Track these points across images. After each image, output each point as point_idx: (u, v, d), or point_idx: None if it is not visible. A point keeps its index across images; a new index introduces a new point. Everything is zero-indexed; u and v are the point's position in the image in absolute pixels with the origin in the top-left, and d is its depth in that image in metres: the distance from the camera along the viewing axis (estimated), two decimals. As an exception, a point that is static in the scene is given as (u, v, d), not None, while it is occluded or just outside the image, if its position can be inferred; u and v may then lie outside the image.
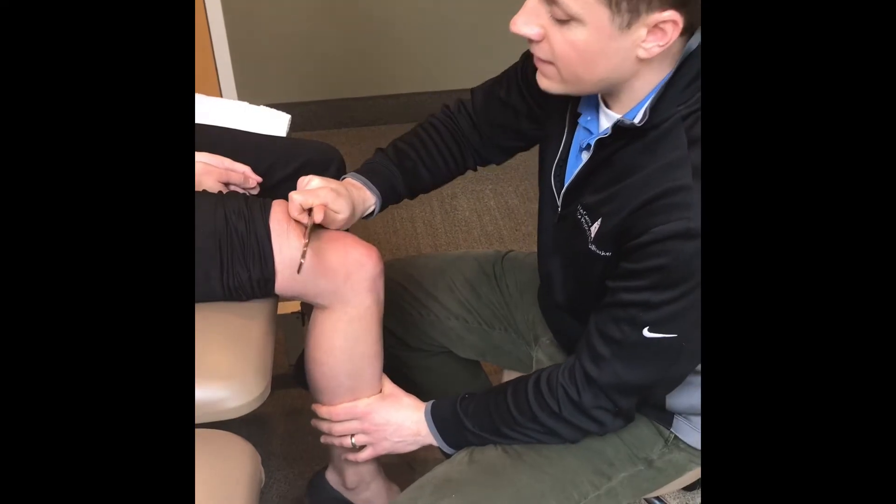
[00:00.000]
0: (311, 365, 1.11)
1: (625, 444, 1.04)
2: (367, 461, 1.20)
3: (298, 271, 0.96)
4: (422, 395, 1.36)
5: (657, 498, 1.24)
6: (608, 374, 0.92)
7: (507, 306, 1.24)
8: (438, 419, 1.06)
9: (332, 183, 1.04)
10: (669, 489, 1.13)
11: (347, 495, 1.29)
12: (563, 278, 1.04)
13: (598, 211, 0.91)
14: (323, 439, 1.17)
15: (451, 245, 2.20)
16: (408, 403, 1.11)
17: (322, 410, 1.14)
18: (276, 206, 1.01)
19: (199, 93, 1.39)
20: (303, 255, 0.96)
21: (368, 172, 1.12)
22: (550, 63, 0.86)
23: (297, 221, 1.00)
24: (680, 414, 1.04)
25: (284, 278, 1.00)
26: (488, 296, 1.25)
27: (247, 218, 0.97)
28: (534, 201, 2.33)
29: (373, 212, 1.11)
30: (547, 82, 0.89)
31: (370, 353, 1.10)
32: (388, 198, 1.12)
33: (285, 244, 0.98)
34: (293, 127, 2.69)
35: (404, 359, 1.34)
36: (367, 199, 1.09)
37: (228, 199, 1.01)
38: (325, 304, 1.06)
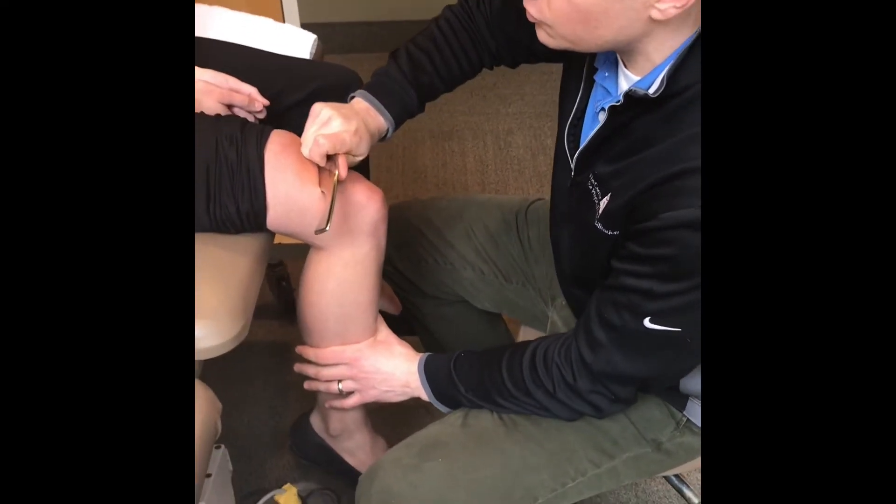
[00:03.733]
0: (302, 305, 1.06)
1: (632, 424, 0.95)
2: (354, 409, 1.15)
3: (317, 232, 0.89)
4: (436, 344, 1.30)
5: (676, 476, 1.16)
6: (602, 361, 0.84)
7: (527, 260, 1.15)
8: (432, 376, 1.00)
9: (351, 121, 0.94)
10: (680, 471, 1.04)
11: (330, 443, 1.26)
12: (570, 248, 0.95)
13: (608, 184, 0.82)
14: (307, 384, 1.11)
15: (500, 184, 2.10)
16: (400, 352, 1.05)
17: (309, 352, 1.09)
18: (276, 137, 0.94)
19: (258, 14, 1.31)
20: (328, 221, 0.88)
21: (381, 92, 1.01)
22: (545, 23, 0.76)
23: (318, 167, 0.92)
24: (695, 397, 0.94)
25: (277, 214, 0.93)
26: (507, 247, 1.16)
27: (239, 146, 0.91)
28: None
29: (385, 136, 1.03)
30: (545, 37, 0.79)
31: (364, 300, 1.03)
32: (401, 120, 1.03)
33: (280, 178, 0.92)
34: (343, 48, 2.58)
35: (419, 305, 1.27)
36: (381, 125, 1.00)
37: (224, 123, 0.94)
38: (320, 245, 0.99)
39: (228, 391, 1.49)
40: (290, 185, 0.92)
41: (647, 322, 0.78)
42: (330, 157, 0.91)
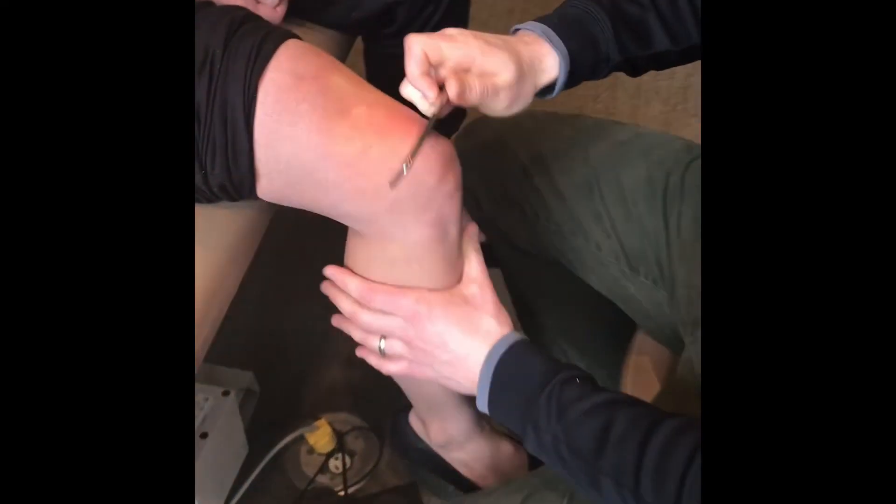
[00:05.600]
0: None
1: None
2: (458, 419, 0.86)
3: (392, 186, 0.55)
4: (525, 308, 0.97)
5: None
6: None
7: (669, 249, 0.77)
8: (502, 376, 0.64)
9: (487, 37, 0.60)
10: None
11: (437, 450, 0.94)
12: None
13: None
14: (335, 320, 0.73)
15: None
16: (488, 328, 0.67)
17: (349, 281, 0.69)
18: (285, 59, 0.57)
19: None
20: (408, 162, 0.55)
21: (552, 21, 0.64)
22: None
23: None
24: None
25: (274, 185, 0.59)
26: (643, 220, 0.78)
27: (215, 72, 0.55)
28: None
29: (553, 84, 0.65)
30: None
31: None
32: (583, 60, 0.64)
33: (285, 132, 0.56)
34: None
35: (507, 258, 0.93)
36: (544, 59, 0.63)
37: (208, 22, 0.57)
38: (355, 227, 0.65)
39: (274, 275, 1.23)
40: (302, 146, 0.56)
41: None
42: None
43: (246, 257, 0.70)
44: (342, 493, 1.08)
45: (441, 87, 0.57)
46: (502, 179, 0.85)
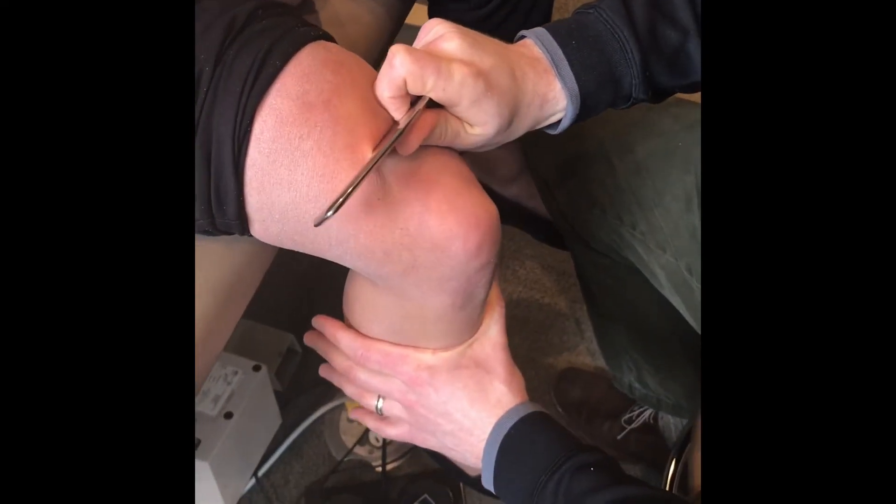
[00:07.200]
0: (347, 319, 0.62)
1: None
2: None
3: (317, 224, 0.42)
4: (592, 299, 0.85)
5: None
6: None
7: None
8: (509, 454, 0.55)
9: (483, 57, 0.46)
10: None
11: None
12: None
13: None
14: (323, 371, 0.65)
15: None
16: (498, 397, 0.58)
17: (340, 335, 0.60)
18: (297, 68, 0.44)
19: None
20: (335, 205, 0.41)
21: (572, 42, 0.49)
22: None
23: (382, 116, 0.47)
24: None
25: (270, 230, 0.48)
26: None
27: (201, 94, 0.43)
28: None
29: (558, 122, 0.51)
30: None
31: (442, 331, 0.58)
32: (596, 101, 0.50)
33: (282, 176, 0.44)
34: None
35: (578, 254, 0.79)
36: (548, 103, 0.49)
37: (203, 32, 0.44)
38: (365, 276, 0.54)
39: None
40: (301, 195, 0.44)
41: None
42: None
43: (236, 306, 0.59)
44: (379, 469, 1.01)
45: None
46: (581, 166, 0.70)
